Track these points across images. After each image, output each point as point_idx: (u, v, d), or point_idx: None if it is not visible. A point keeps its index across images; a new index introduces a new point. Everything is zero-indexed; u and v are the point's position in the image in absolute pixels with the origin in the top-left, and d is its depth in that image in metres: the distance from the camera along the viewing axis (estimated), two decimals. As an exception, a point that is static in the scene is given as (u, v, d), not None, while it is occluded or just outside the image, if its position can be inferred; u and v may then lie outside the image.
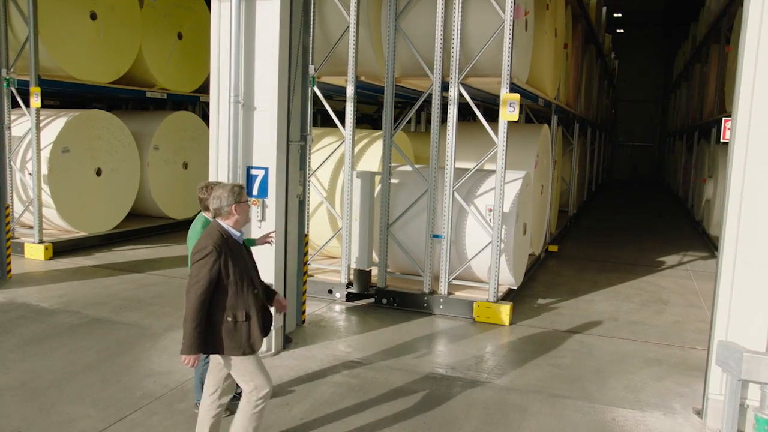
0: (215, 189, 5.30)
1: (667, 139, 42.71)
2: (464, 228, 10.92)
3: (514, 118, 9.89)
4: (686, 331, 10.24)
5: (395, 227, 11.19)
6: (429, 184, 10.59)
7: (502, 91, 9.95)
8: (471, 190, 11.04)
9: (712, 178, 18.95)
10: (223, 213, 5.22)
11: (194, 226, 6.24)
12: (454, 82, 10.34)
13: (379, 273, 10.95)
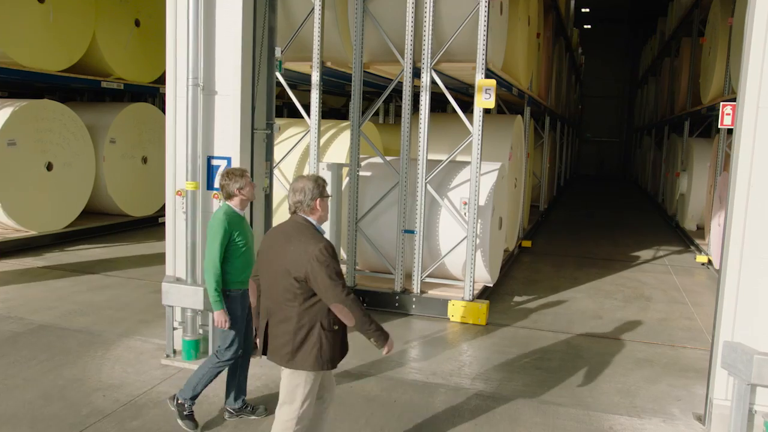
0: (297, 180, 4.79)
1: (634, 134, 42.76)
2: (437, 222, 10.34)
3: (490, 105, 9.34)
4: (673, 328, 9.78)
5: (364, 222, 10.59)
6: (400, 176, 9.99)
7: (477, 77, 9.41)
8: (444, 183, 10.47)
9: (686, 171, 18.61)
10: (305, 207, 4.73)
11: (217, 215, 5.97)
12: (426, 67, 9.74)
13: (347, 271, 10.33)
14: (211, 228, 5.92)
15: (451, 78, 11.43)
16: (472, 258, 9.72)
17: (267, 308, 4.80)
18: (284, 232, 4.72)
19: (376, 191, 10.61)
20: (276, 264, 4.65)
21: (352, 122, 10.18)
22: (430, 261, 10.36)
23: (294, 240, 4.60)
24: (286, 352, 4.66)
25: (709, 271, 14.14)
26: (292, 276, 4.54)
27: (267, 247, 4.82)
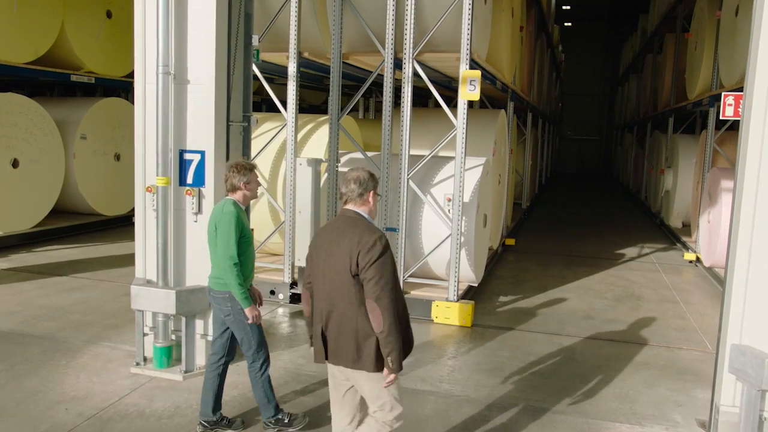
0: (352, 171, 4.59)
1: (614, 132, 42.61)
2: (420, 220, 9.94)
3: (474, 97, 8.95)
4: (667, 329, 9.45)
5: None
6: (381, 171, 9.56)
7: (461, 68, 9.02)
8: (427, 179, 10.08)
9: (671, 168, 18.32)
10: (356, 198, 4.50)
11: (225, 209, 5.68)
12: (407, 57, 9.33)
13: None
14: (223, 223, 5.62)
15: (434, 70, 11.04)
16: (457, 257, 9.33)
17: (324, 310, 4.51)
18: (337, 227, 4.49)
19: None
20: (331, 262, 4.41)
21: (331, 115, 9.76)
22: (412, 260, 9.95)
23: (348, 233, 4.38)
24: (350, 354, 4.42)
25: (698, 268, 13.85)
26: (349, 271, 4.32)
27: (318, 247, 4.55)
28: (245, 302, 5.60)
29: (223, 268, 5.58)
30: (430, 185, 9.99)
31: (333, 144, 9.73)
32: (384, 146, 9.54)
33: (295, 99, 9.83)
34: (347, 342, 4.40)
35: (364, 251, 4.25)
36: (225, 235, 5.59)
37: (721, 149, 14.01)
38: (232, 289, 5.58)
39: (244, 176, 5.73)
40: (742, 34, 12.06)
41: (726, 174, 12.42)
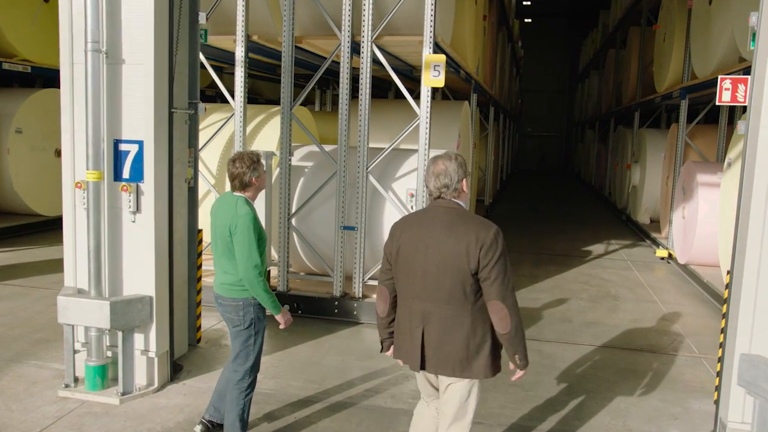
0: (435, 163, 4.16)
1: (574, 129, 42.40)
2: (381, 217, 9.18)
3: (439, 83, 8.25)
4: (650, 331, 8.87)
5: (298, 218, 9.40)
6: (338, 165, 8.82)
7: (424, 52, 8.30)
8: (388, 172, 9.33)
9: (638, 163, 17.81)
10: (451, 192, 4.10)
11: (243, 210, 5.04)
12: (366, 41, 8.60)
13: (279, 274, 9.12)
14: (241, 228, 4.99)
15: (394, 57, 10.31)
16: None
17: (418, 312, 4.10)
18: (438, 220, 4.05)
19: (311, 183, 9.43)
20: (436, 258, 4.00)
21: (283, 104, 8.96)
22: (373, 261, 9.20)
23: (459, 227, 3.97)
24: (459, 361, 4.06)
25: (671, 266, 13.36)
26: (466, 270, 3.94)
27: (412, 239, 4.10)
28: (276, 309, 5.11)
29: (247, 278, 4.99)
30: (392, 180, 9.25)
31: (285, 135, 8.95)
32: (341, 137, 8.78)
33: (243, 86, 9.01)
34: (455, 348, 4.03)
35: (485, 249, 3.90)
36: (245, 241, 4.98)
37: (692, 142, 13.48)
38: (259, 297, 5.04)
39: (255, 171, 5.15)
40: (717, 24, 11.53)
41: (702, 168, 11.86)
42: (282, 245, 9.05)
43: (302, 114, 11.34)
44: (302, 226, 9.39)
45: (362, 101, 8.67)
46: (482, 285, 3.96)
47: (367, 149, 8.71)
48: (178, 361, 7.00)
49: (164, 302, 6.49)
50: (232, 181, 5.15)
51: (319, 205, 9.31)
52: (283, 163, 8.95)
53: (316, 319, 8.80)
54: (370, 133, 11.17)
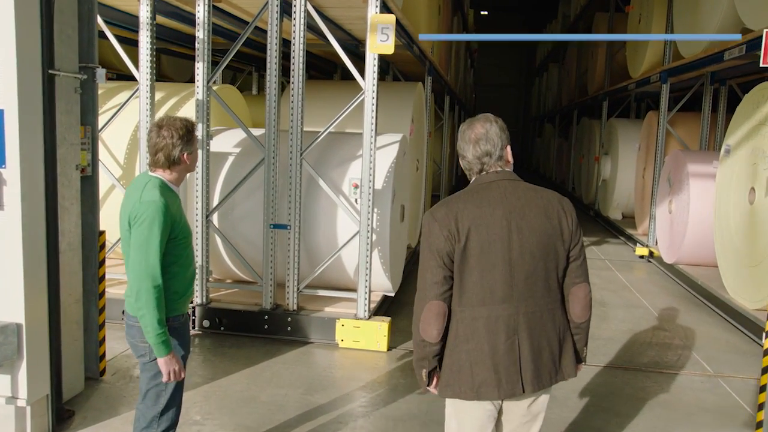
0: (473, 126, 3.46)
1: (531, 123, 41.63)
2: (319, 213, 7.68)
3: (388, 49, 6.80)
4: (649, 345, 7.64)
5: (220, 215, 7.86)
6: (266, 150, 7.25)
7: (369, 11, 6.85)
8: (328, 159, 7.83)
9: (609, 155, 16.46)
10: (494, 161, 3.42)
11: (148, 194, 3.66)
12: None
13: (199, 283, 7.51)
14: (141, 219, 3.60)
15: (337, 26, 8.78)
16: (367, 261, 7.13)
17: (504, 320, 3.20)
18: (515, 195, 3.31)
19: (235, 172, 7.88)
20: (531, 242, 3.23)
21: (199, 76, 7.35)
22: (309, 266, 7.69)
23: (542, 200, 3.34)
24: (552, 367, 3.30)
25: (652, 265, 12.17)
26: (562, 251, 3.30)
27: (488, 227, 3.21)
28: (161, 348, 3.62)
29: (136, 292, 3.60)
30: (332, 167, 7.75)
31: (202, 114, 7.34)
32: (269, 117, 7.22)
33: (150, 54, 7.36)
34: (552, 353, 3.29)
35: (575, 222, 3.34)
36: (143, 239, 3.59)
37: (673, 130, 12.15)
38: (144, 323, 3.59)
39: (188, 144, 3.82)
40: None
41: (693, 157, 10.50)
42: (200, 248, 7.46)
43: (230, 95, 9.73)
44: (225, 224, 7.84)
45: (294, 73, 7.17)
46: (570, 265, 3.33)
47: (301, 131, 7.20)
48: (68, 406, 5.33)
49: (40, 330, 4.88)
50: (154, 155, 3.78)
51: (245, 198, 7.78)
52: (201, 147, 7.34)
53: (256, 338, 7.29)
54: (313, 119, 9.65)
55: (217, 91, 9.10)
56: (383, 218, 7.55)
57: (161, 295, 3.59)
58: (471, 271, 3.19)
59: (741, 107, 8.94)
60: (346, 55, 7.31)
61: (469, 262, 3.18)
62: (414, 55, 10.27)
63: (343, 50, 7.32)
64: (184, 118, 3.88)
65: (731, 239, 8.85)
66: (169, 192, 3.74)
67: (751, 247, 8.29)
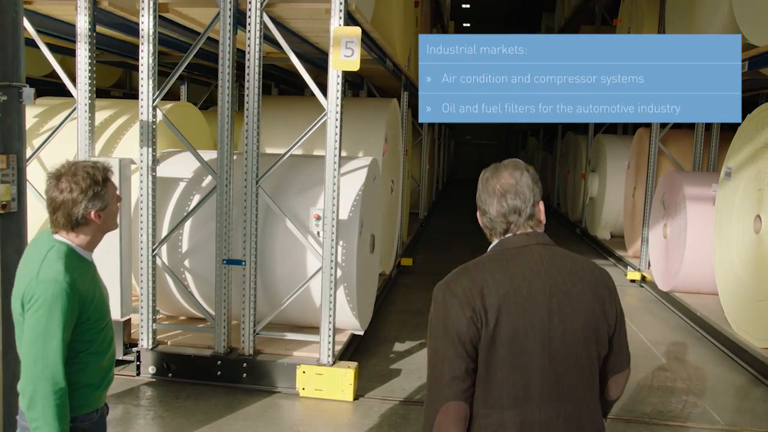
0: (499, 174, 2.82)
1: (514, 136, 41.06)
2: (277, 247, 6.93)
3: (353, 66, 6.08)
4: (651, 390, 6.92)
5: (168, 248, 7.09)
6: (218, 176, 6.48)
7: (332, 23, 6.14)
8: (288, 186, 7.11)
9: (596, 172, 15.73)
10: (524, 221, 2.78)
11: (47, 272, 2.86)
12: (254, 8, 6.35)
13: (142, 324, 6.71)
14: (39, 301, 2.82)
15: (301, 39, 8.01)
16: (331, 300, 6.37)
17: (546, 425, 2.54)
18: (554, 265, 2.68)
19: (186, 201, 7.10)
20: (575, 327, 2.58)
21: (143, 95, 6.58)
22: (268, 305, 6.94)
23: (582, 272, 2.70)
24: None
25: (644, 290, 11.43)
26: (605, 336, 2.66)
27: (524, 307, 2.55)
28: None
29: (29, 393, 2.83)
30: (292, 195, 6.99)
31: (146, 136, 6.57)
32: (222, 140, 6.47)
33: (89, 70, 6.59)
34: None
35: (617, 300, 2.73)
36: (39, 328, 2.82)
37: (666, 149, 11.44)
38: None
39: (97, 198, 3.02)
40: (705, 9, 9.54)
41: (690, 178, 9.80)
42: (145, 287, 6.67)
43: (187, 113, 8.96)
44: (174, 258, 7.06)
45: (249, 91, 6.43)
46: (613, 351, 2.73)
47: (256, 155, 6.44)
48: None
49: None
50: (52, 214, 3.00)
51: (197, 230, 7.03)
52: (144, 174, 6.57)
53: (215, 386, 6.51)
54: (279, 138, 8.90)
55: (172, 109, 8.40)
56: (349, 252, 6.81)
57: (64, 399, 2.84)
58: (501, 364, 2.53)
59: (743, 128, 8.25)
60: (306, 72, 6.55)
61: (498, 352, 2.53)
62: (387, 69, 9.53)
63: (311, 65, 6.60)
64: (94, 163, 3.10)
65: (734, 270, 8.13)
66: (77, 263, 2.98)
67: (757, 279, 7.57)
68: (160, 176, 7.00)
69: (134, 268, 6.84)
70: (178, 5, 6.84)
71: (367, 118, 9.50)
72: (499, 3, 39.67)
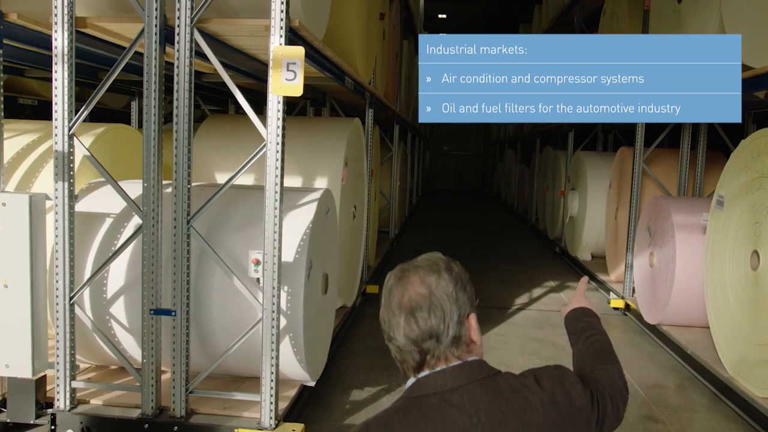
0: (406, 282, 2.10)
1: (491, 147, 40.47)
2: (213, 292, 6.11)
3: (295, 91, 5.33)
4: None
5: (91, 293, 6.23)
6: (144, 215, 5.66)
7: (272, 41, 5.37)
8: (226, 222, 6.31)
9: (576, 191, 14.99)
10: (447, 343, 2.04)
11: None
12: (183, 24, 5.55)
13: (58, 381, 5.88)
14: None
15: (247, 56, 7.22)
16: (273, 355, 5.59)
17: None
18: (493, 412, 1.91)
19: (112, 240, 6.28)
20: None
21: (57, 122, 5.75)
22: (205, 358, 6.14)
23: (538, 412, 1.99)
24: None
25: (629, 320, 10.69)
26: None
27: None
28: None
29: None
30: (230, 233, 6.21)
31: (62, 169, 5.74)
32: (148, 171, 5.68)
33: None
34: None
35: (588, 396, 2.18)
36: None
37: (651, 171, 10.71)
38: None
39: None
40: (691, 26, 8.89)
41: (677, 205, 9.09)
42: (62, 339, 5.85)
43: (126, 136, 8.14)
44: (97, 305, 6.23)
45: (178, 119, 5.64)
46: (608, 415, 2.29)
47: (187, 191, 5.64)
48: None
49: None
50: None
51: (125, 273, 6.20)
52: (60, 211, 5.75)
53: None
54: (229, 164, 8.13)
55: (106, 134, 7.58)
56: (295, 298, 6.02)
57: None
58: None
59: (736, 155, 7.51)
60: (241, 95, 5.74)
61: None
62: (347, 88, 8.75)
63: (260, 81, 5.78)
64: None
65: (730, 310, 7.36)
66: None
67: (755, 321, 6.81)
68: (85, 211, 6.25)
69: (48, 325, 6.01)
70: (98, 20, 6.02)
71: (324, 142, 8.71)
72: (475, 13, 39.38)
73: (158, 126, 5.65)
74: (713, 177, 10.28)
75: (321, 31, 7.35)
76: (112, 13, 6.23)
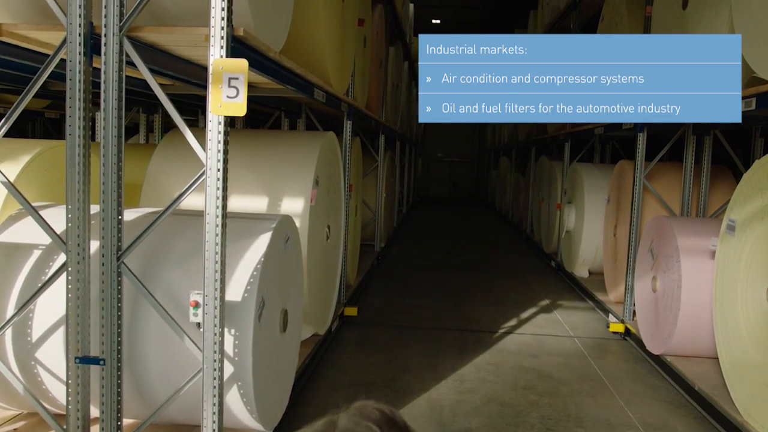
0: None
1: (487, 154, 39.69)
2: (150, 335, 5.36)
3: (237, 111, 4.67)
4: None
5: (14, 334, 5.49)
6: (69, 248, 4.90)
7: (211, 53, 4.71)
8: (167, 254, 5.55)
9: (573, 204, 14.25)
10: None
11: None
12: (111, 32, 4.83)
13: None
14: None
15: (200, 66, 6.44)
16: (215, 410, 4.83)
17: None
18: None
19: (35, 277, 5.53)
20: None
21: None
22: (143, 407, 5.41)
23: None
24: None
25: (630, 346, 9.92)
26: None
27: None
28: None
29: None
30: (170, 267, 5.47)
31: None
32: (72, 199, 4.93)
33: None
34: None
35: None
36: None
37: (652, 187, 9.97)
38: None
39: None
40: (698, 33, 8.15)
41: (683, 227, 8.34)
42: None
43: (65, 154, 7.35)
44: (20, 347, 5.48)
45: (105, 132, 4.90)
46: None
47: (117, 223, 4.88)
48: None
49: None
50: None
51: (49, 314, 5.44)
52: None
53: None
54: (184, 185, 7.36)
55: (44, 154, 6.80)
56: (243, 342, 5.26)
57: None
58: None
59: (749, 176, 6.73)
60: (176, 112, 4.99)
61: None
62: (318, 100, 7.99)
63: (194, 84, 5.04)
64: None
65: (743, 347, 6.57)
66: None
67: (772, 360, 6.04)
68: (10, 242, 5.47)
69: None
70: (16, 28, 5.26)
71: (292, 160, 7.95)
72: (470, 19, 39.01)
73: (84, 142, 4.90)
74: (718, 193, 9.53)
75: (280, 40, 6.58)
76: (38, 20, 5.47)
